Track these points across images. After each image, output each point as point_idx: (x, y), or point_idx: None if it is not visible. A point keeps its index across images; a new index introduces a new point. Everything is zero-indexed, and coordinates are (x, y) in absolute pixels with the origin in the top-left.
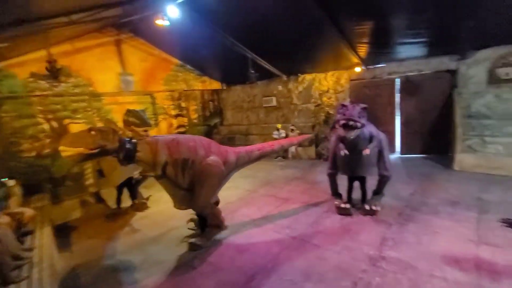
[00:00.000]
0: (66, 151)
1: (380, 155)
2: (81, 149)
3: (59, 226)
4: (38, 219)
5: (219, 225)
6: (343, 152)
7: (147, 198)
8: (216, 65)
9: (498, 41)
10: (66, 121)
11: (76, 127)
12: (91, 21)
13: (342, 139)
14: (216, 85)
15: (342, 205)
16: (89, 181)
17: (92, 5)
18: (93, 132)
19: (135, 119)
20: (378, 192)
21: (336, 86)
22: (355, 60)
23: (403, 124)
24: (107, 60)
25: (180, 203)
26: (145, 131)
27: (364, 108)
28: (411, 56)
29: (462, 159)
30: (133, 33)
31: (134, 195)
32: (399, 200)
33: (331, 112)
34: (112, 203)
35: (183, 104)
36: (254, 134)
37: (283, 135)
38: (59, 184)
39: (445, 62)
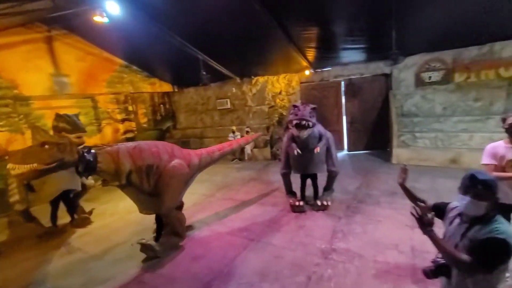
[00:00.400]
0: (16, 168)
1: (328, 152)
2: (34, 165)
3: None
4: None
5: (180, 234)
6: (296, 151)
7: (90, 212)
8: (166, 67)
9: (422, 49)
10: None
11: None
12: (13, 13)
13: (294, 139)
14: (166, 87)
15: (296, 203)
16: (15, 197)
17: None
18: (47, 146)
19: (66, 124)
20: (328, 187)
21: (288, 88)
22: (304, 63)
23: (348, 123)
24: (35, 59)
25: (146, 209)
26: (79, 137)
27: (313, 108)
28: (353, 60)
29: (398, 153)
30: (67, 30)
31: (73, 209)
32: (347, 194)
33: (284, 113)
34: (46, 221)
35: (130, 108)
36: (209, 137)
37: (239, 137)
38: None
39: (381, 67)
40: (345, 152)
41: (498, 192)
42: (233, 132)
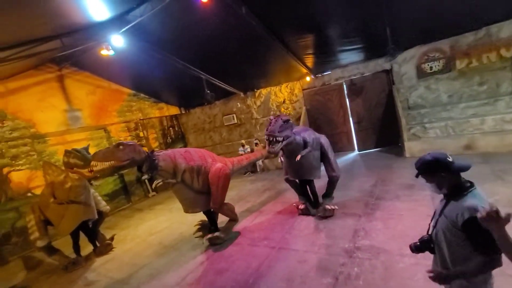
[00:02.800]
0: (98, 165)
1: (325, 157)
2: (112, 163)
3: None
4: None
5: (235, 219)
6: (280, 158)
7: (112, 238)
8: (171, 90)
9: (418, 41)
10: (6, 169)
11: (18, 175)
12: (25, 57)
13: (281, 149)
14: (174, 110)
15: (300, 206)
16: (35, 235)
17: (25, 39)
18: (121, 147)
19: (77, 160)
20: (327, 194)
21: (291, 97)
22: (304, 70)
23: (355, 123)
24: (49, 98)
25: (193, 207)
26: (91, 171)
27: (286, 121)
28: (352, 61)
29: (410, 146)
30: (76, 67)
31: (94, 238)
32: (363, 192)
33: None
34: (70, 253)
35: (141, 134)
36: (219, 153)
37: (249, 150)
38: (2, 242)
39: (380, 64)
40: (355, 152)
41: (440, 170)
42: (243, 146)
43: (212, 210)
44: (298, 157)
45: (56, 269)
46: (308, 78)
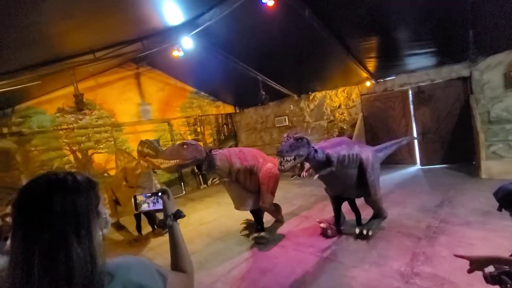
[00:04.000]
0: (165, 163)
1: (362, 177)
2: (178, 161)
3: None
4: None
5: (281, 220)
6: (303, 174)
7: None
8: (229, 90)
9: (509, 45)
10: (90, 151)
11: (99, 157)
12: (114, 57)
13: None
14: (229, 109)
15: (322, 225)
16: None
17: (115, 42)
18: (185, 146)
19: (150, 150)
20: (376, 215)
21: (347, 102)
22: (364, 74)
23: (419, 134)
24: (127, 92)
25: (244, 205)
26: (163, 162)
27: (299, 139)
28: (421, 66)
29: (489, 166)
30: (150, 66)
31: (153, 221)
32: (425, 212)
33: (344, 127)
34: (133, 230)
35: (198, 129)
36: (268, 154)
37: None
38: None
39: (456, 70)
40: (417, 166)
41: None
42: None
43: (260, 209)
44: (315, 177)
45: (122, 243)
46: (368, 83)
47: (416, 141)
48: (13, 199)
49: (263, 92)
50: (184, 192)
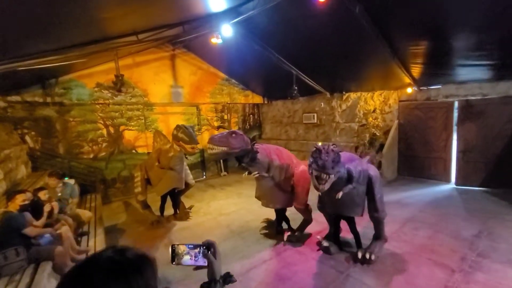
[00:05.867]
0: (213, 149)
1: (370, 193)
2: (225, 149)
3: (109, 228)
4: (93, 220)
5: (311, 220)
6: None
7: (190, 208)
8: (259, 81)
9: None
10: (122, 127)
11: (129, 134)
12: (154, 39)
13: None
14: (258, 99)
15: (322, 242)
16: (138, 189)
17: (158, 25)
18: (234, 135)
19: (184, 135)
20: (377, 236)
21: (383, 106)
22: (407, 80)
23: (460, 152)
24: (161, 73)
25: (274, 202)
26: (193, 148)
27: (338, 153)
28: (474, 78)
29: None
30: (186, 48)
31: (176, 204)
32: (460, 241)
33: (377, 133)
34: (156, 210)
35: (225, 117)
36: (292, 149)
37: None
38: (110, 185)
39: None
40: (451, 185)
41: None
42: None
43: (285, 208)
44: (340, 194)
45: (144, 222)
46: (409, 90)
47: (453, 158)
48: (54, 171)
49: (296, 87)
50: (204, 176)
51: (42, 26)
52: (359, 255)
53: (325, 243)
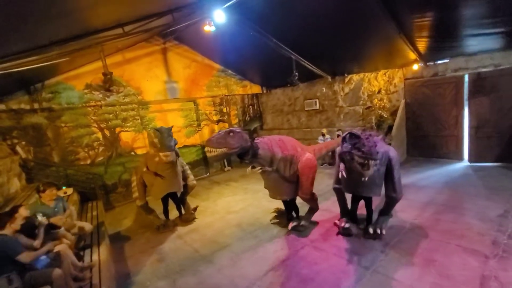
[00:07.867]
0: (212, 151)
1: (388, 174)
2: (224, 150)
3: (112, 236)
4: (95, 231)
5: (317, 208)
6: (341, 173)
7: (195, 209)
8: (257, 69)
9: None
10: (118, 129)
11: (126, 136)
12: (143, 31)
13: (342, 159)
14: (256, 89)
15: (343, 224)
16: (135, 194)
17: (145, 14)
18: (231, 134)
19: (157, 142)
20: (384, 212)
21: (388, 86)
22: (413, 56)
23: (473, 127)
24: (154, 69)
25: (281, 194)
26: (166, 156)
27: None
28: (484, 49)
29: None
30: (177, 40)
31: (179, 206)
32: (487, 223)
33: (384, 115)
34: (160, 213)
35: (224, 110)
36: (296, 138)
37: (329, 140)
38: (111, 191)
39: None
40: (464, 162)
41: None
42: (323, 135)
43: (294, 198)
44: (367, 176)
45: (150, 227)
46: (415, 66)
47: (465, 134)
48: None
49: (296, 73)
50: (208, 173)
51: (13, 24)
52: (371, 230)
53: (346, 224)
